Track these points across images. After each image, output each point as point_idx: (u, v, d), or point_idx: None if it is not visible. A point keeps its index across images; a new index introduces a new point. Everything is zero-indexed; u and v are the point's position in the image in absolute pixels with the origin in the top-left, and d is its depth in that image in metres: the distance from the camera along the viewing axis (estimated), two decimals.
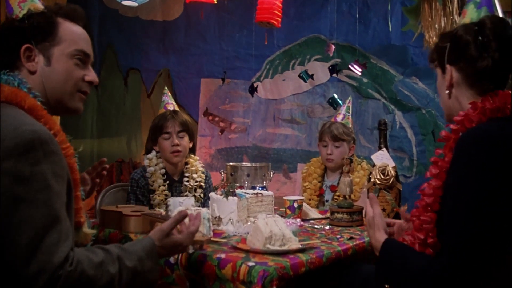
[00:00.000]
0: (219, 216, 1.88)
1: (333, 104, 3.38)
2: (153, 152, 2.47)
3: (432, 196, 1.20)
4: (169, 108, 2.54)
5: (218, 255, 1.46)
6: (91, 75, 1.35)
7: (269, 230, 1.52)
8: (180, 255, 1.52)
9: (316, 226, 1.95)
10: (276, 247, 1.50)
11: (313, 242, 1.63)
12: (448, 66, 1.27)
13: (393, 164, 2.02)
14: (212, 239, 1.63)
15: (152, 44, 4.45)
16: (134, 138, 4.42)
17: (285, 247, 1.51)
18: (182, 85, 4.36)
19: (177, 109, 2.58)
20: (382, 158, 2.03)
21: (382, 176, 1.97)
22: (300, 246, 1.53)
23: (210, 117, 4.27)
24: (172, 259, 1.55)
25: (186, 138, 2.46)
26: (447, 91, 1.28)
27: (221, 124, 4.24)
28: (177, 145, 2.40)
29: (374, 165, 2.03)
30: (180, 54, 4.32)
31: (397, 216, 1.99)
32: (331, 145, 2.49)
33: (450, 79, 1.27)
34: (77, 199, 1.26)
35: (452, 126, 1.20)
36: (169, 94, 2.64)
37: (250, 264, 1.37)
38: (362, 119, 3.89)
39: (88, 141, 4.60)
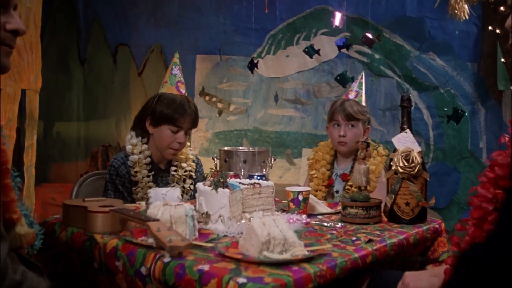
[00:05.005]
0: (207, 212, 1.56)
1: (343, 81, 3.07)
2: (139, 137, 2.13)
3: (508, 167, 0.90)
4: (181, 90, 2.13)
5: (200, 267, 1.16)
6: (13, 22, 1.03)
7: (266, 233, 1.23)
8: (153, 265, 1.24)
9: (325, 224, 1.64)
10: (276, 255, 1.21)
11: (323, 248, 1.31)
12: None
13: (419, 149, 1.69)
14: (194, 242, 1.32)
15: (143, 17, 4.13)
16: (124, 120, 4.13)
17: (287, 255, 1.22)
18: None
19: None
20: (406, 141, 1.70)
21: (406, 164, 1.64)
22: (307, 253, 1.24)
23: (207, 97, 3.96)
24: (143, 270, 1.27)
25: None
26: None
27: (219, 105, 3.95)
28: (182, 143, 2.10)
29: (395, 150, 1.70)
30: (174, 28, 4.01)
31: (423, 211, 1.67)
32: (344, 125, 2.15)
33: None
34: (6, 188, 1.01)
35: None
36: (180, 65, 2.15)
37: (241, 280, 1.08)
38: (373, 99, 3.64)
39: (74, 124, 4.36)
